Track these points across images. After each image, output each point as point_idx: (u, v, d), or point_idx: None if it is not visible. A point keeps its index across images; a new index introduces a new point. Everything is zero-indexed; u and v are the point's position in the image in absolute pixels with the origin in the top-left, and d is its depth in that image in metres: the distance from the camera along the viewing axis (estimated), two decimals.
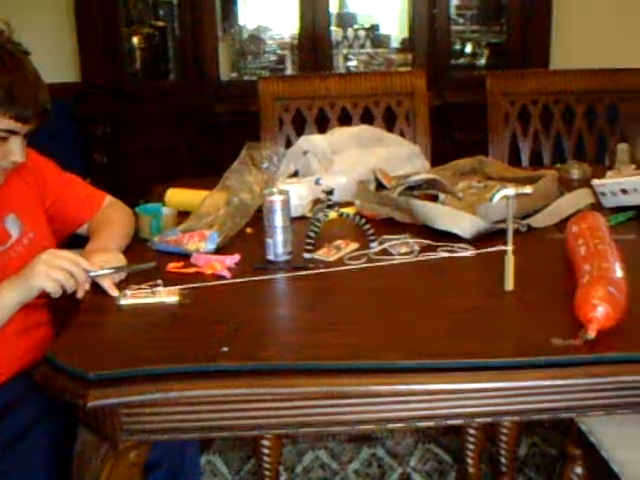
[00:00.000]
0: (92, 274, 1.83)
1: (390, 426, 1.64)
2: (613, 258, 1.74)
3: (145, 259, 1.99)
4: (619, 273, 1.68)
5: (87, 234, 2.16)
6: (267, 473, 2.68)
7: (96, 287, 1.84)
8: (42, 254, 1.81)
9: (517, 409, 1.59)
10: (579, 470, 2.17)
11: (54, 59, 4.28)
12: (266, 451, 2.63)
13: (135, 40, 4.51)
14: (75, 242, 2.18)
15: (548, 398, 1.57)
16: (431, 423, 1.62)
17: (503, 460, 2.71)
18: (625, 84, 3.08)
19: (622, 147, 2.81)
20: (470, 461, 2.69)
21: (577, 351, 1.52)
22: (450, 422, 1.62)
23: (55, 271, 1.78)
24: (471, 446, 2.66)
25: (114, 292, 1.82)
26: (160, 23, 4.62)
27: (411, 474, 2.93)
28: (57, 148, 2.31)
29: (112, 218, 2.18)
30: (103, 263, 1.87)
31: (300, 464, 2.99)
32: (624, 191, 2.29)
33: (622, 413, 1.63)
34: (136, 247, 2.13)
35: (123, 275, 1.90)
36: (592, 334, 1.53)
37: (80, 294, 1.83)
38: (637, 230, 2.19)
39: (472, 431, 2.63)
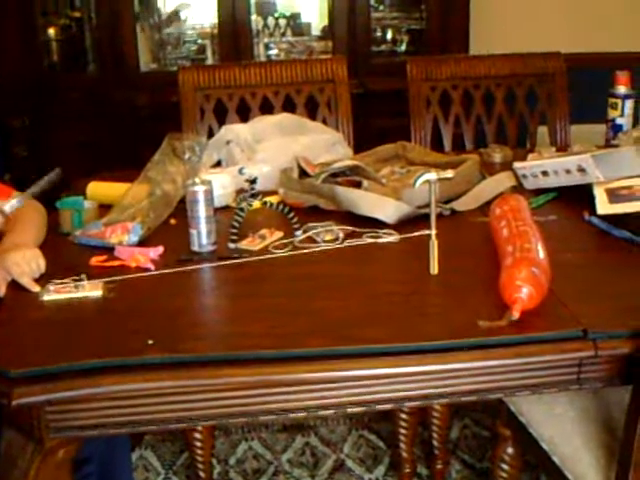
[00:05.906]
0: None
1: (321, 413, 1.65)
2: (535, 239, 1.76)
3: (66, 253, 1.96)
4: (541, 254, 1.70)
5: None
6: (200, 466, 2.67)
7: (18, 284, 1.81)
8: None
9: (445, 391, 1.61)
10: (510, 450, 2.20)
11: None
12: (198, 444, 2.61)
13: (51, 31, 4.44)
14: None
15: (476, 380, 1.59)
16: (361, 408, 1.63)
17: (435, 443, 2.74)
18: (542, 68, 3.12)
19: (542, 130, 2.84)
20: (403, 446, 2.71)
21: (502, 332, 1.54)
22: (380, 407, 1.63)
23: None
24: (403, 431, 2.69)
25: (34, 288, 1.79)
26: (76, 14, 4.55)
27: (345, 461, 2.94)
28: None
29: (23, 213, 2.06)
30: (20, 259, 1.82)
31: (233, 455, 2.98)
32: (545, 173, 2.31)
33: (548, 392, 1.65)
34: (57, 241, 2.08)
35: (43, 268, 1.85)
36: (516, 315, 1.55)
37: (2, 291, 1.80)
38: (558, 211, 2.22)
39: (404, 416, 2.66)
